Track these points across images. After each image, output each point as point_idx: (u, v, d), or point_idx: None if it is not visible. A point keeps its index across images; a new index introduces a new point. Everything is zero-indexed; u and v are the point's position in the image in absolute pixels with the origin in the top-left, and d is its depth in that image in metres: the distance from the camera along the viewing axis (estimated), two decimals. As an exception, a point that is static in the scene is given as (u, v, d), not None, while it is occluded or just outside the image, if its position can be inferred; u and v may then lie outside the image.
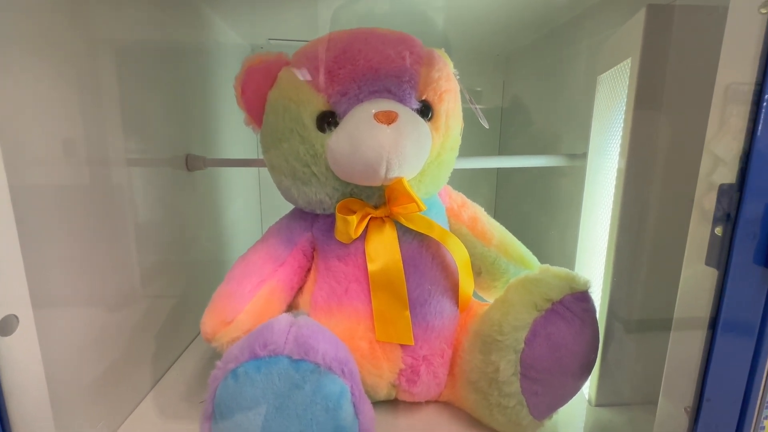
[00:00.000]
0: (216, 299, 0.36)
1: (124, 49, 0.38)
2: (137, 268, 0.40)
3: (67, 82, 0.30)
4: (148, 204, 0.42)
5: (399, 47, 0.36)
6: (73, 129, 0.31)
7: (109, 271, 0.35)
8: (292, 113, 0.36)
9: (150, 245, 0.42)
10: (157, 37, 0.46)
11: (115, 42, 0.37)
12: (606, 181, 0.43)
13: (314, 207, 0.39)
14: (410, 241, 0.38)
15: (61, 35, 0.30)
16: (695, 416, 0.26)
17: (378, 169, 0.33)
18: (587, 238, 0.49)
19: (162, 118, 0.46)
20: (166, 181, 0.47)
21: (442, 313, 0.38)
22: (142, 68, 0.42)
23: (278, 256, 0.39)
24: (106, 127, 0.35)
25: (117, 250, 0.37)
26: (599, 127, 0.47)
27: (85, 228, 0.32)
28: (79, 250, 0.31)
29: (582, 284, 0.34)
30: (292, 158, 0.36)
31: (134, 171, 0.40)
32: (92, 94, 0.34)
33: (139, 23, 0.42)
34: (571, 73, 0.58)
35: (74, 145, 0.31)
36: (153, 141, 0.44)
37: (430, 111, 0.37)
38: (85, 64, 0.32)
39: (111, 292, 0.35)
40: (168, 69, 0.48)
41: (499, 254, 0.43)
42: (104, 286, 0.35)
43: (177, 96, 0.50)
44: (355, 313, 0.36)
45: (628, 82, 0.37)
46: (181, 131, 0.51)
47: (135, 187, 0.40)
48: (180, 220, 0.50)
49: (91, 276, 0.33)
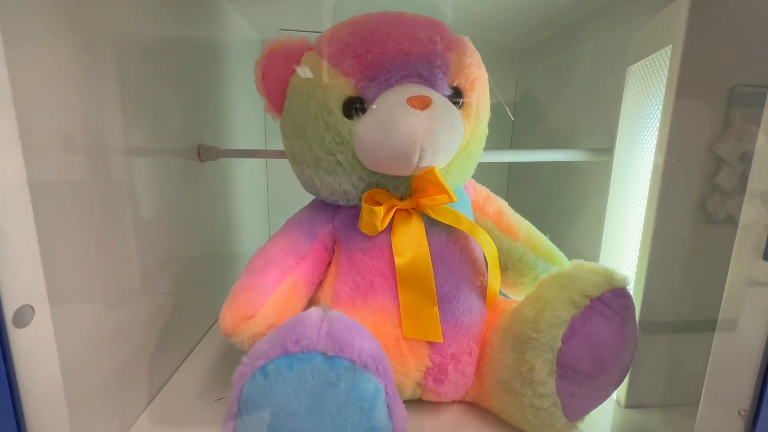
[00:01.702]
0: (236, 293, 0.35)
1: (140, 40, 0.37)
2: (149, 262, 0.38)
3: (84, 74, 0.29)
4: (161, 196, 0.41)
5: (429, 31, 0.34)
6: (89, 121, 0.30)
7: (121, 264, 0.34)
8: (317, 99, 0.34)
9: (162, 238, 0.41)
10: (172, 28, 0.45)
11: (130, 33, 0.36)
12: (638, 176, 0.42)
13: (337, 198, 0.37)
14: (438, 234, 0.36)
15: (79, 28, 0.28)
16: (754, 419, 0.24)
17: (411, 156, 0.31)
18: (614, 236, 0.47)
19: (175, 108, 0.45)
20: (180, 172, 0.45)
21: (471, 310, 0.36)
22: (157, 58, 0.40)
23: (299, 248, 0.37)
24: (121, 118, 0.34)
25: (130, 243, 0.35)
26: (629, 120, 0.45)
27: (98, 220, 0.30)
28: (93, 243, 0.30)
29: (621, 280, 0.32)
30: (316, 146, 0.35)
31: (148, 162, 0.39)
32: (107, 86, 0.32)
33: (155, 13, 0.41)
34: (592, 66, 0.56)
35: (89, 137, 0.30)
36: (166, 131, 0.43)
37: (461, 99, 0.35)
38: (100, 56, 0.31)
39: (123, 286, 0.34)
40: (182, 59, 0.46)
41: (526, 249, 0.41)
42: (117, 279, 0.33)
43: (190, 86, 0.48)
44: (381, 308, 0.35)
45: (667, 72, 0.36)
46: (194, 121, 0.49)
47: (149, 178, 0.38)
48: (192, 212, 0.49)
49: (104, 269, 0.31)
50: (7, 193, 0.21)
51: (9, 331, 0.21)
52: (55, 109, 0.26)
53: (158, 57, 0.41)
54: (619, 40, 0.49)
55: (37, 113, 0.25)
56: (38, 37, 0.25)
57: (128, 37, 0.35)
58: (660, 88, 0.38)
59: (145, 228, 0.38)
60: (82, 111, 0.29)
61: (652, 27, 0.40)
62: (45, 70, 0.25)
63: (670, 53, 0.35)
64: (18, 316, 0.22)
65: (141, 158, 0.37)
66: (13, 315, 0.21)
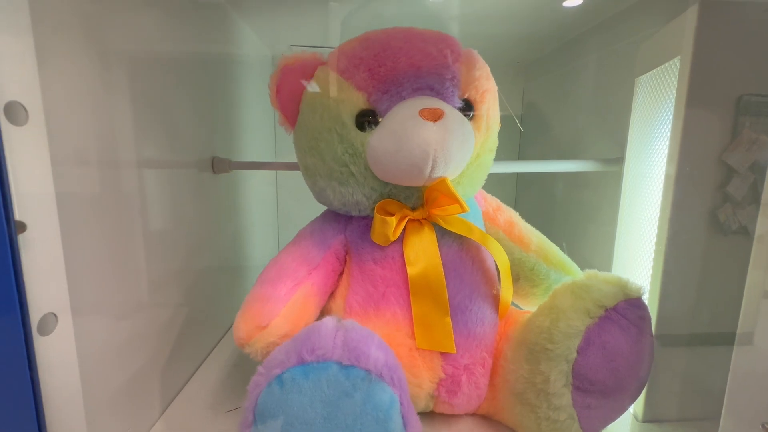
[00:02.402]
0: (249, 302, 0.35)
1: (156, 55, 0.38)
2: (163, 273, 0.39)
3: (101, 89, 0.30)
4: (175, 208, 0.42)
5: (440, 45, 0.35)
6: (108, 135, 0.31)
7: (136, 275, 0.34)
8: (330, 112, 0.35)
9: (176, 249, 0.41)
10: (186, 43, 0.46)
11: (147, 48, 0.37)
12: (650, 186, 0.42)
13: (350, 208, 0.37)
14: (450, 245, 0.37)
15: (98, 44, 0.30)
16: (778, 432, 0.24)
17: (423, 167, 0.32)
18: (626, 246, 0.47)
19: (190, 121, 0.46)
20: (194, 184, 0.46)
21: (483, 320, 0.36)
22: (172, 73, 0.42)
23: (312, 259, 0.37)
24: (138, 131, 0.35)
25: (145, 254, 0.36)
26: (639, 130, 0.45)
27: (116, 232, 0.31)
28: (110, 254, 0.30)
29: (636, 291, 0.32)
30: (329, 158, 0.35)
31: (164, 174, 0.39)
32: (125, 101, 0.33)
33: (170, 29, 0.42)
34: (600, 77, 0.57)
35: (109, 150, 0.31)
36: (181, 144, 0.44)
37: (472, 110, 0.36)
38: (117, 70, 0.32)
39: (137, 297, 0.34)
40: (196, 73, 0.47)
41: (538, 259, 0.41)
42: (131, 290, 0.33)
43: (204, 99, 0.50)
44: (393, 318, 0.35)
45: (677, 83, 0.36)
46: (208, 134, 0.51)
47: (164, 190, 0.39)
48: (204, 224, 0.49)
49: (120, 280, 0.32)
50: (36, 204, 0.22)
51: (34, 339, 0.21)
52: (78, 124, 0.27)
53: (173, 71, 0.42)
54: (626, 51, 0.50)
55: (63, 128, 0.26)
56: (64, 54, 0.26)
57: (146, 51, 0.36)
58: (669, 98, 0.38)
59: (160, 239, 0.38)
60: (102, 126, 0.30)
61: (660, 38, 0.40)
62: (67, 86, 0.26)
63: (679, 64, 0.35)
64: (43, 324, 0.22)
65: (157, 171, 0.38)
66: (38, 323, 0.22)
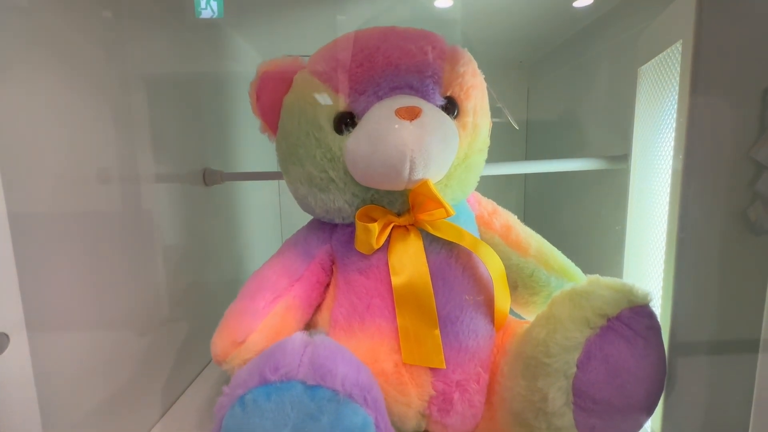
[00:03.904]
0: (227, 317, 0.34)
1: (145, 68, 0.38)
2: (150, 288, 0.38)
3: (86, 104, 0.30)
4: (162, 221, 0.41)
5: (420, 42, 0.33)
6: (86, 144, 0.30)
7: (119, 291, 0.33)
8: (307, 116, 0.33)
9: (164, 264, 0.41)
10: (177, 55, 0.46)
11: (136, 62, 0.37)
12: (658, 183, 0.39)
13: (333, 216, 0.36)
14: (438, 251, 0.34)
15: (85, 60, 0.29)
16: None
17: (401, 169, 0.30)
18: (637, 249, 0.44)
19: (179, 132, 0.45)
20: (183, 197, 0.46)
21: (477, 332, 0.33)
22: (161, 84, 0.41)
23: (294, 270, 0.36)
24: (122, 142, 0.34)
25: (128, 269, 0.35)
26: (644, 124, 0.42)
27: (94, 247, 0.30)
28: (84, 271, 0.29)
29: (641, 297, 0.29)
30: (308, 164, 0.34)
31: (149, 187, 0.39)
32: (111, 111, 0.33)
33: (161, 42, 0.42)
34: (603, 71, 0.54)
35: (85, 161, 0.30)
36: (170, 156, 0.43)
37: (456, 108, 0.34)
38: (107, 86, 0.32)
39: (120, 314, 0.33)
40: (186, 84, 0.47)
41: (537, 265, 0.38)
42: (113, 307, 0.32)
43: (194, 110, 0.49)
44: (378, 331, 0.33)
45: (680, 69, 0.33)
46: (198, 145, 0.50)
47: (149, 203, 0.39)
48: (197, 237, 0.49)
49: (101, 296, 0.31)
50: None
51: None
52: (50, 138, 0.27)
53: (163, 83, 0.41)
54: (628, 42, 0.47)
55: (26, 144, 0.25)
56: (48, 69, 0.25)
57: (135, 66, 0.36)
58: (674, 86, 0.35)
59: (145, 254, 0.37)
60: (80, 136, 0.29)
61: (660, 23, 0.37)
62: (48, 101, 0.26)
63: (681, 49, 0.33)
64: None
65: (142, 183, 0.38)
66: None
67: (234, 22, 0.57)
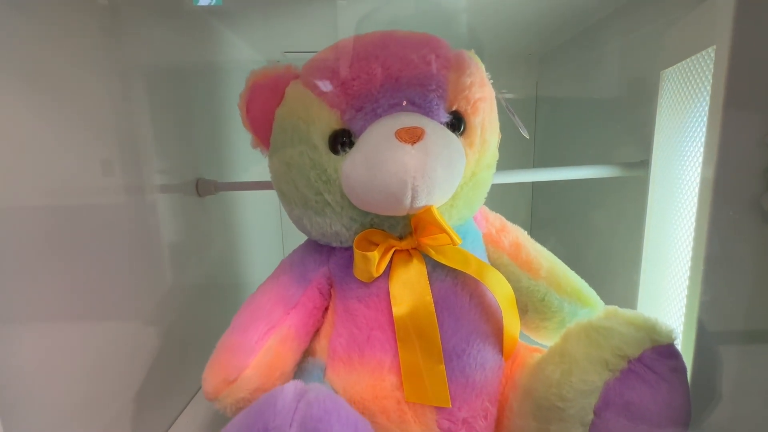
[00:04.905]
0: (219, 352, 0.32)
1: (132, 72, 0.36)
2: (137, 312, 0.36)
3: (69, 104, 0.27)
4: (150, 237, 0.39)
5: (423, 50, 0.30)
6: (70, 151, 0.28)
7: (102, 316, 0.31)
8: (300, 133, 0.31)
9: (157, 282, 0.39)
10: (165, 58, 0.43)
11: (121, 65, 0.34)
12: (683, 192, 0.36)
13: (330, 239, 0.33)
14: (443, 278, 0.32)
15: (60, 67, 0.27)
16: None
17: (401, 198, 0.27)
18: (656, 264, 0.41)
19: (171, 141, 0.43)
20: (174, 210, 0.43)
21: (484, 365, 0.31)
22: (150, 90, 0.39)
23: (290, 297, 0.34)
24: (109, 151, 0.32)
25: (112, 291, 0.33)
26: (667, 130, 0.39)
27: (70, 268, 0.28)
28: (66, 293, 0.27)
29: (665, 335, 0.26)
30: (302, 185, 0.31)
31: (134, 200, 0.36)
32: (97, 117, 0.30)
33: (147, 45, 0.39)
34: (621, 69, 0.50)
35: (64, 168, 0.28)
36: (159, 165, 0.41)
37: (463, 124, 0.31)
38: (89, 86, 0.29)
39: (104, 341, 0.31)
40: (177, 89, 0.45)
41: (549, 288, 0.36)
42: (95, 332, 0.31)
43: (187, 117, 0.47)
44: (378, 366, 0.31)
45: (712, 76, 0.30)
46: (192, 154, 0.48)
47: (134, 218, 0.36)
48: (191, 252, 0.46)
49: (79, 322, 0.29)
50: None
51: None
52: (26, 149, 0.24)
53: (152, 88, 0.39)
54: (650, 40, 0.43)
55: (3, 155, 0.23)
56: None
57: (120, 69, 0.34)
58: (703, 92, 0.32)
59: (135, 272, 0.35)
60: (65, 142, 0.27)
61: (688, 24, 0.34)
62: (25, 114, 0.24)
63: (714, 56, 0.29)
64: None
65: (129, 195, 0.36)
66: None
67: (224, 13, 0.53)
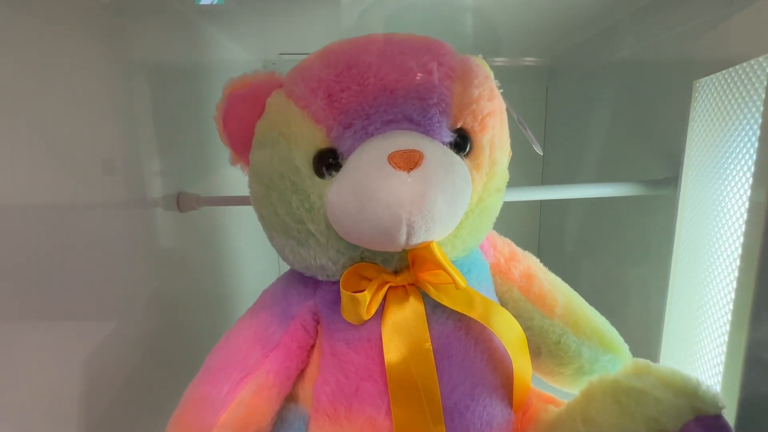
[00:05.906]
0: (185, 404, 0.28)
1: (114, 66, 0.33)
2: (111, 337, 0.32)
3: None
4: (123, 256, 0.35)
5: (423, 57, 0.26)
6: (40, 164, 0.25)
7: (69, 341, 0.28)
8: (281, 153, 0.26)
9: (134, 306, 0.35)
10: (148, 63, 0.40)
11: (110, 62, 0.32)
12: (723, 217, 0.31)
13: (315, 272, 0.29)
14: (444, 321, 0.28)
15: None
16: None
17: (395, 235, 0.23)
18: (686, 299, 0.36)
19: (146, 150, 0.39)
20: (150, 226, 0.40)
21: (492, 422, 0.27)
22: (131, 95, 0.36)
23: (269, 336, 0.29)
24: (81, 162, 0.29)
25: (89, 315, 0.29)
26: (700, 145, 0.35)
27: (42, 292, 0.25)
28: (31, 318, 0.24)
29: (711, 403, 0.22)
30: (282, 211, 0.27)
31: (104, 216, 0.33)
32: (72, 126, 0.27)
33: (129, 48, 0.36)
34: (644, 77, 0.45)
35: (33, 182, 0.25)
36: (139, 179, 0.37)
37: (469, 143, 0.26)
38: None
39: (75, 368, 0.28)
40: (158, 92, 0.41)
41: (565, 329, 0.31)
42: (65, 361, 0.27)
43: (169, 127, 0.43)
44: (368, 424, 0.26)
45: (765, 89, 0.25)
46: (172, 165, 0.44)
47: (113, 234, 0.33)
48: (173, 271, 0.43)
49: (47, 349, 0.26)
50: None
51: None
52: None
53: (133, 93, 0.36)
54: (680, 46, 0.39)
55: None
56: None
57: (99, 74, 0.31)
58: (752, 106, 0.27)
59: (108, 295, 0.32)
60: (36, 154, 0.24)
61: (732, 29, 0.29)
62: None
63: None
64: None
65: (103, 211, 0.32)
66: None
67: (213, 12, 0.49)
